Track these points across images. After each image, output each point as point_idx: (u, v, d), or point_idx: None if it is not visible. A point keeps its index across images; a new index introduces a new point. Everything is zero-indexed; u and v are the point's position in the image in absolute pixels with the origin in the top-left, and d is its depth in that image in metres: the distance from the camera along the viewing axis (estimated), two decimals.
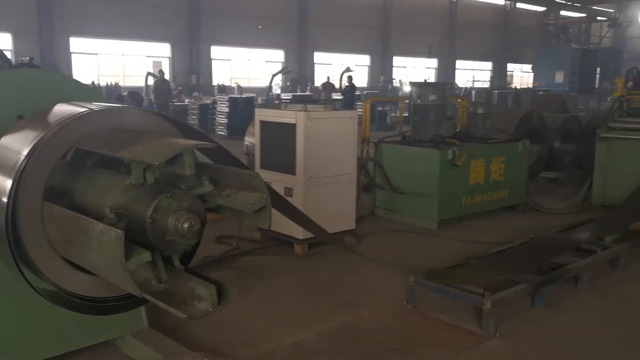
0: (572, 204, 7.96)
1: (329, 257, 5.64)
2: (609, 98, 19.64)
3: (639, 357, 3.80)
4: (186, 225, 2.14)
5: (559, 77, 30.22)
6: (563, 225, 6.31)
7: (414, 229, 6.70)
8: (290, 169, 5.58)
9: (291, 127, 5.50)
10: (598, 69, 31.55)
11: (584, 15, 38.40)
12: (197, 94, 21.18)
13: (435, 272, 4.69)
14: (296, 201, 5.52)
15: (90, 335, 3.35)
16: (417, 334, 4.04)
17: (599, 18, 38.50)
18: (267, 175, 5.84)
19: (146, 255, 2.07)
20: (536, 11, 37.92)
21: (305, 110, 5.41)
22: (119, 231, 1.96)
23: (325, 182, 5.68)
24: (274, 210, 2.50)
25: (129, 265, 2.00)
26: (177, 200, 2.23)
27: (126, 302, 2.53)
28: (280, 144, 5.72)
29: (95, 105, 2.62)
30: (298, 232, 5.48)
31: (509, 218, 7.35)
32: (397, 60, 32.45)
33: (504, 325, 4.08)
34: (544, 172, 9.51)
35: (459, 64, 35.77)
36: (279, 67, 25.97)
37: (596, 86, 30.83)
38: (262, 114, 5.94)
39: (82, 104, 2.71)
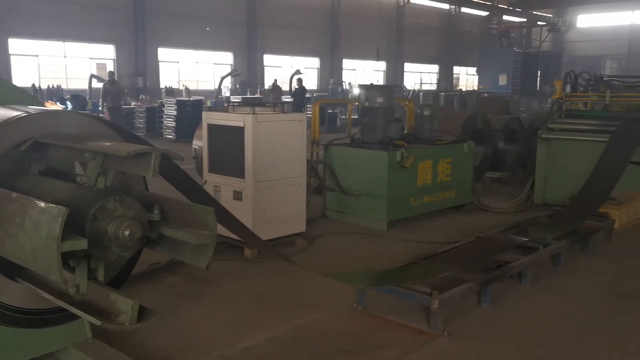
0: (516, 203, 8.21)
1: (279, 261, 5.59)
2: (549, 100, 20.37)
3: (582, 349, 3.92)
4: (127, 233, 2.09)
5: (503, 80, 31.17)
6: (509, 223, 6.48)
7: (364, 230, 6.76)
8: (239, 172, 5.53)
9: (239, 130, 5.45)
10: (539, 72, 32.71)
11: (525, 20, 39.74)
12: (143, 96, 20.71)
13: (385, 273, 4.73)
14: (245, 205, 5.48)
15: (29, 348, 3.20)
16: (368, 335, 4.07)
17: (539, 23, 39.95)
18: (215, 179, 5.79)
19: (82, 242, 1.98)
20: (480, 16, 39.00)
21: (253, 113, 5.37)
22: (63, 207, 1.88)
23: (274, 185, 5.66)
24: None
25: (63, 246, 1.91)
26: (124, 206, 2.17)
27: (64, 314, 2.44)
28: (228, 148, 5.66)
29: (32, 109, 2.54)
30: None
31: (456, 218, 7.51)
32: (346, 62, 32.70)
33: (452, 323, 4.16)
34: (489, 172, 9.77)
35: (407, 66, 36.37)
36: (228, 69, 25.72)
37: (537, 88, 31.95)
38: (210, 117, 5.86)
39: (18, 107, 2.62)
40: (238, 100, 17.05)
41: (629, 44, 38.45)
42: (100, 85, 17.00)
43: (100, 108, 16.98)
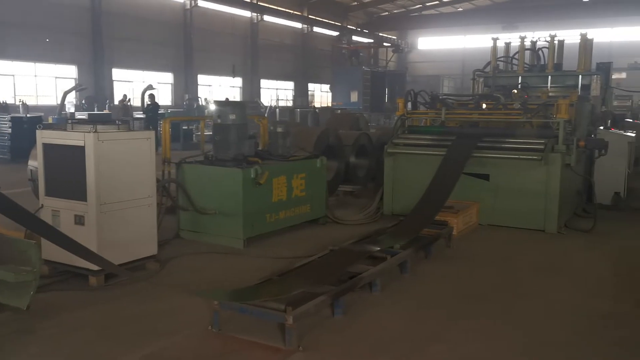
0: (367, 215, 8.59)
1: (129, 286, 5.29)
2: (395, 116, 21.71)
3: (422, 351, 4.16)
4: None
5: (354, 97, 32.76)
6: (360, 234, 6.75)
7: (220, 249, 6.64)
8: (80, 194, 5.14)
9: (80, 150, 5.08)
10: (386, 90, 34.82)
11: (372, 41, 42.20)
12: None
13: (240, 291, 4.67)
14: (89, 229, 5.12)
15: None
16: (223, 358, 3.97)
17: (384, 44, 42.63)
18: (54, 203, 5.35)
19: None
20: (331, 36, 40.66)
21: (95, 132, 5.04)
22: None
23: (121, 207, 5.34)
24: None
25: None
26: None
27: None
28: (68, 168, 5.25)
29: None
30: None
31: (311, 231, 7.67)
32: (202, 78, 32.16)
33: (307, 337, 4.21)
34: (342, 185, 10.14)
35: (263, 83, 36.70)
36: (73, 83, 24.04)
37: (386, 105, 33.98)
38: (46, 136, 5.39)
39: None
40: (83, 117, 16.04)
41: (463, 65, 42.44)
42: None
43: None
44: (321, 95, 42.11)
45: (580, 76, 10.50)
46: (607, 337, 4.45)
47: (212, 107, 23.19)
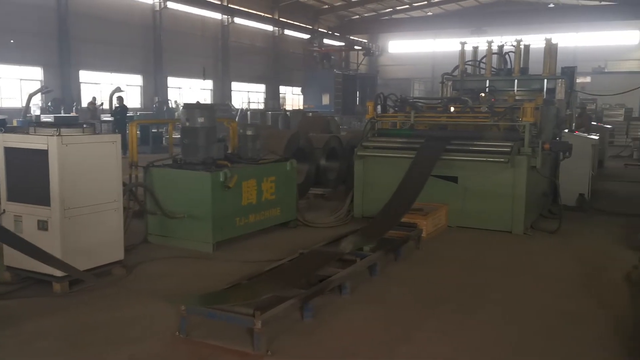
0: (338, 218, 8.60)
1: (95, 293, 5.19)
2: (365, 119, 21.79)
3: (398, 351, 4.18)
4: None
5: (326, 100, 32.91)
6: (331, 237, 6.73)
7: (190, 253, 6.57)
8: (44, 199, 5.03)
9: (43, 154, 4.97)
10: (357, 92, 35.03)
11: (343, 44, 42.41)
12: None
13: (208, 296, 4.63)
14: (52, 235, 5.01)
15: None
16: None
17: (355, 47, 42.91)
18: (16, 208, 5.23)
19: None
20: (302, 38, 40.70)
21: (58, 135, 4.93)
22: None
23: (86, 212, 5.24)
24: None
25: None
26: None
27: None
28: (31, 173, 5.12)
29: None
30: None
31: (282, 235, 7.64)
32: (172, 80, 31.79)
33: (276, 341, 4.19)
34: (313, 188, 10.13)
35: (235, 85, 36.50)
36: (38, 85, 23.53)
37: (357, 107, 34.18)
38: (7, 140, 5.26)
39: None
40: (49, 120, 15.71)
41: (433, 68, 42.88)
42: None
43: None
44: (293, 98, 42.07)
45: (545, 80, 10.72)
46: (572, 336, 4.54)
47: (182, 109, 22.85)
